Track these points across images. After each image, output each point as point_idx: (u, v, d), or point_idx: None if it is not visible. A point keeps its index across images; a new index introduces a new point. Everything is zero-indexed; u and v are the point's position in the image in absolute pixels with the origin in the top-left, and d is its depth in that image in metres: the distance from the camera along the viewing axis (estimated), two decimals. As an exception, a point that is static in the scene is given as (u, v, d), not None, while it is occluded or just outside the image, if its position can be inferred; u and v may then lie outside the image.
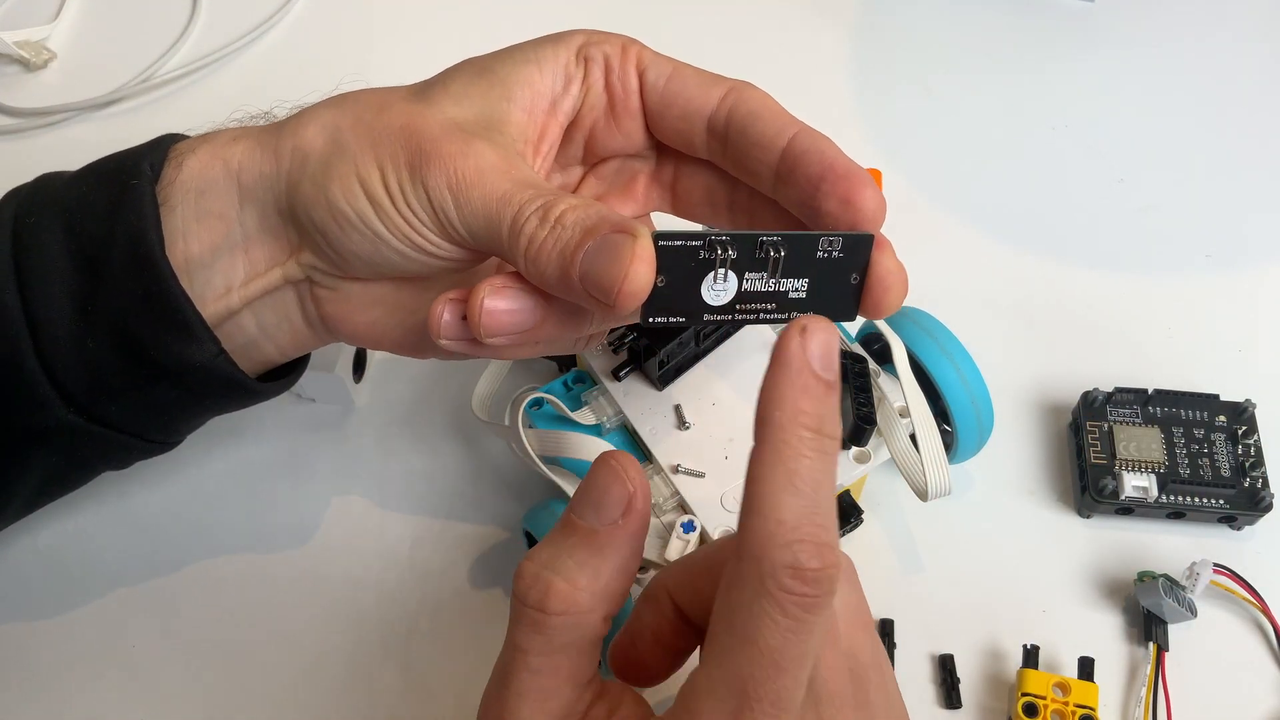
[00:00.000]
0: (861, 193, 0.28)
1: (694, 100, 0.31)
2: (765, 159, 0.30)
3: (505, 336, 0.29)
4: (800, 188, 0.29)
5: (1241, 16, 0.60)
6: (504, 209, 0.28)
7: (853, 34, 0.59)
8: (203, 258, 0.31)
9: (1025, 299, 0.49)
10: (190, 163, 0.32)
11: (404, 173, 0.29)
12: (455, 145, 0.29)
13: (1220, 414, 0.43)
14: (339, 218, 0.30)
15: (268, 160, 0.31)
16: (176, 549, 0.42)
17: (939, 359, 0.39)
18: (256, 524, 0.43)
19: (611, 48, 0.32)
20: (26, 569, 0.42)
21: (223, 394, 0.34)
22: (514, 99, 0.31)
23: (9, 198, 0.33)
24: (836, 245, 0.28)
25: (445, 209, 0.29)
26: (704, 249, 0.27)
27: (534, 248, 0.28)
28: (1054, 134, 0.55)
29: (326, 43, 0.59)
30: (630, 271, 0.26)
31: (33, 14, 0.60)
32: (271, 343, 0.34)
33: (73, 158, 0.56)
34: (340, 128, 0.31)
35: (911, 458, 0.38)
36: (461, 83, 0.31)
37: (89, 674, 0.40)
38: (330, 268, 0.32)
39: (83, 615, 0.41)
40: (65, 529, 0.43)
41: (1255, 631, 0.40)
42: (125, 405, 0.33)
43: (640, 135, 0.33)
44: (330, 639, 0.40)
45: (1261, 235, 0.52)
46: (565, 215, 0.28)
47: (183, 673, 0.40)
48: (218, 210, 0.31)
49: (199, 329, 0.31)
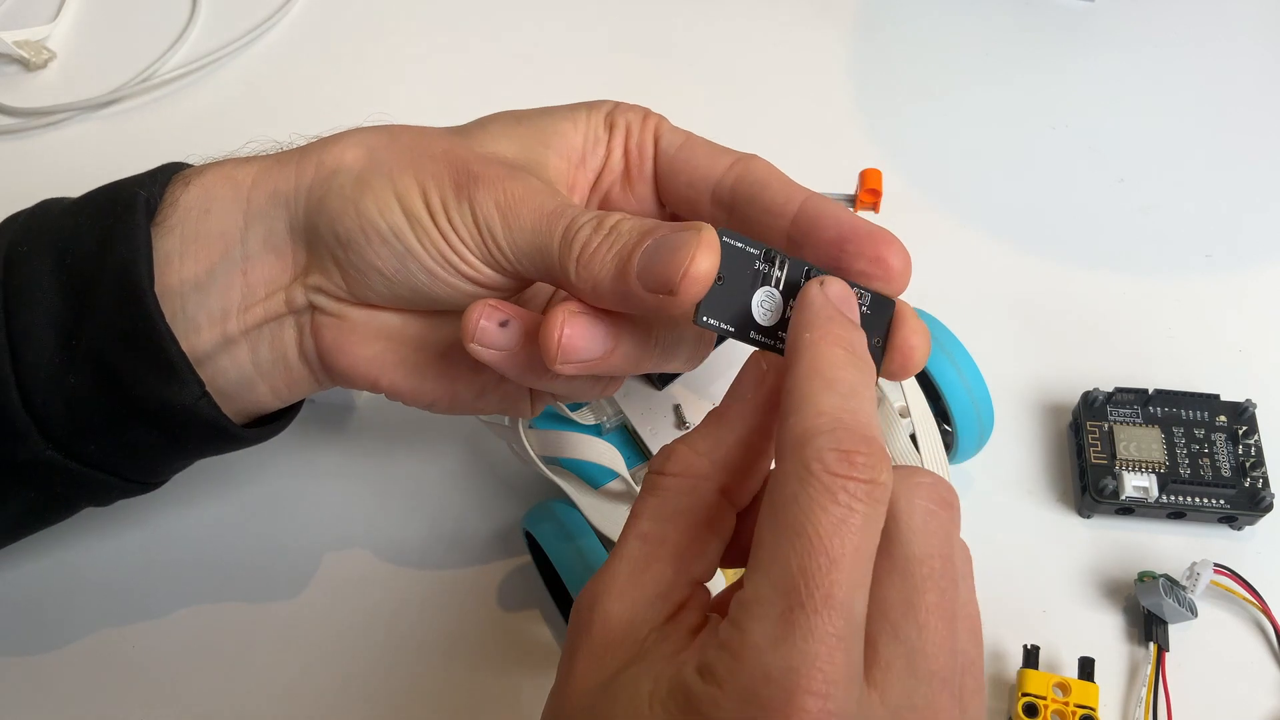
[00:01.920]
0: (891, 249, 0.28)
1: (700, 169, 0.32)
2: (776, 225, 0.30)
3: (578, 364, 0.28)
4: (820, 251, 0.29)
5: (1242, 17, 0.60)
6: (555, 221, 0.28)
7: (853, 34, 0.59)
8: (198, 279, 0.31)
9: (1025, 299, 0.49)
10: (196, 184, 0.32)
11: (449, 192, 0.29)
12: (502, 169, 0.30)
13: (1220, 414, 0.43)
14: (369, 229, 0.29)
15: (285, 177, 0.31)
16: (172, 548, 0.42)
17: (939, 359, 0.39)
18: (255, 524, 0.43)
19: (634, 116, 0.33)
20: (19, 567, 0.42)
21: (204, 438, 0.33)
22: (550, 146, 0.32)
23: (8, 223, 0.33)
24: (866, 301, 0.28)
25: (491, 227, 0.29)
26: (761, 259, 0.27)
27: (587, 253, 0.27)
28: (1054, 134, 0.55)
29: (326, 43, 0.59)
30: (696, 255, 0.26)
31: (33, 14, 0.60)
32: (265, 382, 0.33)
33: (73, 158, 0.56)
34: (377, 146, 0.31)
35: (911, 458, 0.38)
36: (499, 126, 0.32)
37: (81, 676, 0.40)
38: (340, 290, 0.31)
39: (77, 614, 0.41)
40: (64, 527, 0.42)
41: (1255, 631, 0.40)
42: (104, 443, 0.32)
43: (651, 200, 0.34)
44: (329, 639, 0.40)
45: (1261, 235, 0.52)
46: (620, 223, 0.28)
47: (171, 674, 0.40)
48: (220, 230, 0.31)
49: (183, 369, 0.31)
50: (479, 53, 0.59)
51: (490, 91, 0.57)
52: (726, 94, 0.57)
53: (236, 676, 0.40)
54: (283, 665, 0.40)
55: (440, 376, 0.32)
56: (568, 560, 0.36)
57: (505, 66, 0.58)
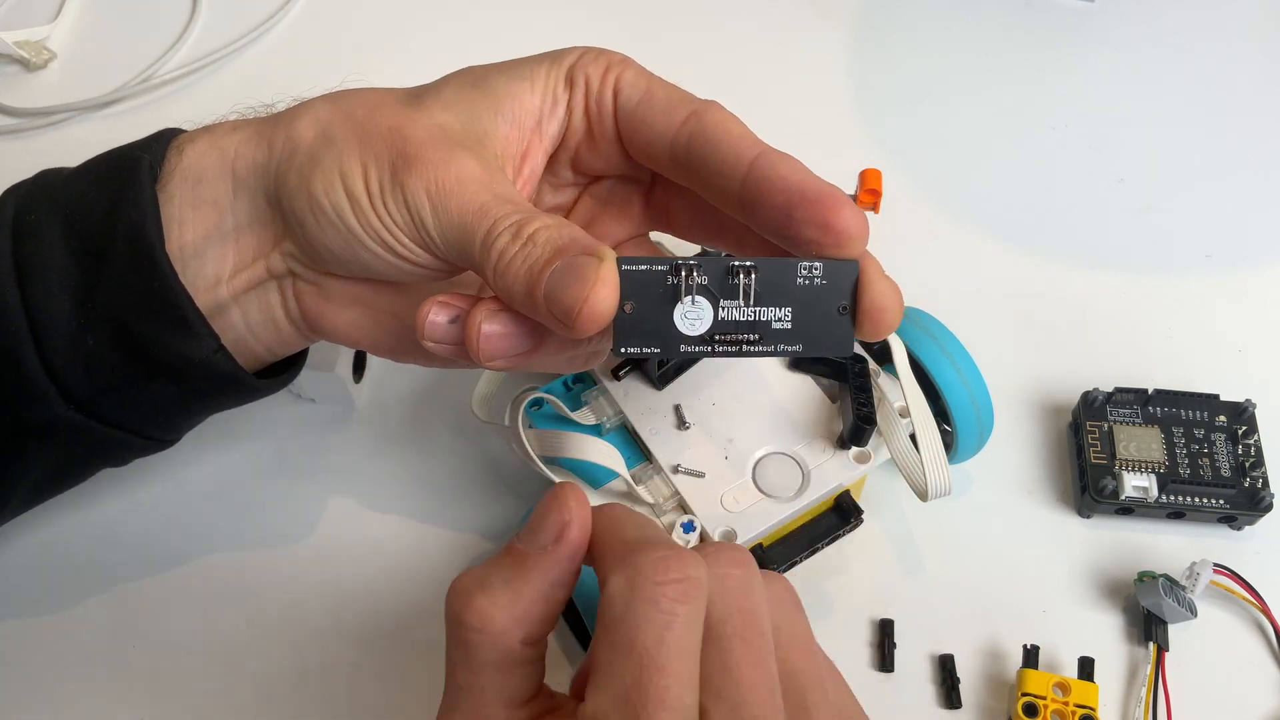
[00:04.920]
0: (839, 215, 0.27)
1: (656, 125, 0.31)
2: (728, 186, 0.29)
3: (503, 359, 0.28)
4: (770, 216, 0.28)
5: (1242, 17, 0.60)
6: (479, 221, 0.28)
7: (853, 34, 0.59)
8: (196, 246, 0.32)
9: (1025, 299, 0.49)
10: (189, 151, 0.32)
11: (385, 173, 0.29)
12: (439, 152, 0.29)
13: (1220, 414, 0.43)
14: (316, 209, 0.30)
15: (261, 149, 0.31)
16: (172, 549, 0.42)
17: (939, 359, 0.39)
18: (254, 524, 0.43)
19: (595, 70, 0.32)
20: (18, 568, 0.42)
21: (221, 390, 0.34)
22: (501, 112, 0.31)
23: (9, 194, 0.33)
24: (818, 272, 0.27)
25: (421, 214, 0.29)
26: (670, 274, 0.26)
27: (503, 263, 0.27)
28: (1054, 134, 0.55)
29: (326, 43, 0.59)
30: (591, 294, 0.26)
31: (33, 14, 0.60)
32: (259, 342, 0.34)
33: (73, 158, 0.56)
34: (331, 122, 0.31)
35: (911, 458, 0.38)
36: (453, 90, 0.31)
37: (83, 673, 0.40)
38: (309, 260, 0.32)
39: (77, 614, 0.41)
40: (64, 526, 0.42)
41: (1255, 631, 0.40)
42: (124, 402, 0.33)
43: (619, 158, 0.33)
44: (328, 640, 0.40)
45: (1261, 235, 0.52)
46: (538, 233, 0.27)
47: (174, 672, 0.40)
48: (212, 198, 0.32)
49: (198, 325, 0.32)
50: (479, 52, 0.58)
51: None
52: (727, 94, 0.56)
53: (236, 675, 0.40)
54: (282, 664, 0.40)
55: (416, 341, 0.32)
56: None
57: (505, 66, 0.58)
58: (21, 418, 0.32)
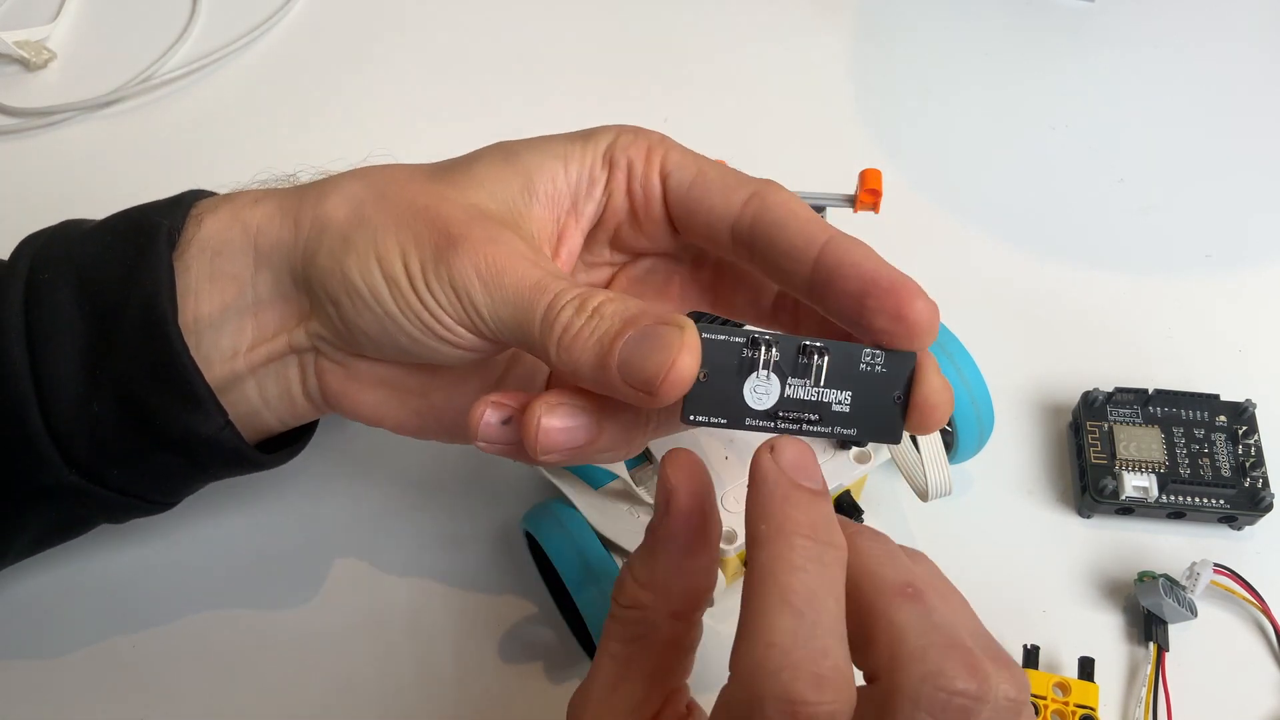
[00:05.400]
0: (912, 307, 0.27)
1: (716, 208, 0.30)
2: (797, 270, 0.28)
3: (560, 454, 0.28)
4: (841, 303, 0.27)
5: (1242, 17, 0.60)
6: (537, 296, 0.27)
7: (853, 34, 0.59)
8: (212, 318, 0.31)
9: (1025, 299, 0.49)
10: (209, 222, 0.31)
11: (428, 254, 0.28)
12: (484, 230, 0.28)
13: (1220, 414, 0.43)
14: (351, 292, 0.29)
15: (287, 227, 0.31)
16: (169, 551, 0.42)
17: (939, 359, 0.39)
18: (252, 524, 0.43)
19: (636, 152, 0.31)
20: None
21: (226, 464, 0.33)
22: (534, 192, 0.30)
23: (26, 245, 0.33)
24: (879, 360, 0.27)
25: (471, 295, 0.28)
26: (747, 347, 0.26)
27: (569, 335, 0.27)
28: (1054, 134, 0.55)
29: (326, 43, 0.59)
30: (678, 360, 0.25)
31: (33, 14, 0.60)
32: (273, 414, 0.33)
33: (73, 158, 0.56)
34: (363, 201, 0.30)
35: (911, 458, 0.38)
36: (484, 167, 0.31)
37: (88, 678, 0.40)
38: (338, 341, 0.31)
39: (87, 613, 0.41)
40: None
41: (1255, 631, 0.40)
42: (127, 469, 0.32)
43: (666, 239, 0.32)
44: (328, 638, 0.40)
45: (1261, 235, 0.52)
46: (603, 306, 0.27)
47: (175, 670, 0.40)
48: (232, 272, 0.31)
49: (207, 401, 0.31)
50: (479, 52, 0.59)
51: (491, 90, 0.57)
52: (728, 95, 0.57)
53: (236, 674, 0.40)
54: (280, 663, 0.40)
55: (443, 422, 0.33)
56: (568, 560, 0.36)
57: (506, 66, 0.58)
58: (23, 479, 0.32)
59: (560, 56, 0.58)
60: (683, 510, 0.26)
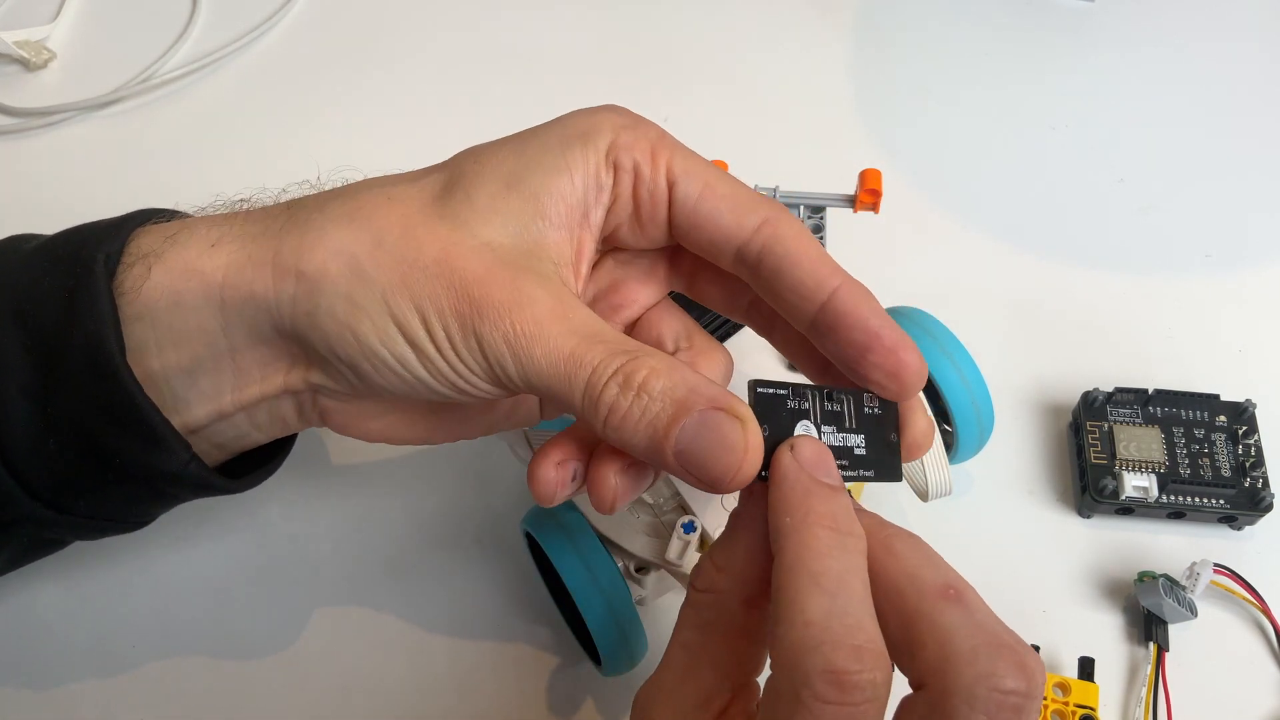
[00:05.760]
0: (908, 370, 0.28)
1: (725, 228, 0.29)
2: (802, 307, 0.29)
3: (627, 500, 0.28)
4: (842, 349, 0.28)
5: (1242, 17, 0.60)
6: (575, 371, 0.26)
7: (853, 34, 0.59)
8: (182, 366, 0.29)
9: (1025, 299, 0.49)
10: (159, 273, 0.29)
11: (451, 322, 0.27)
12: (504, 290, 0.27)
13: (1220, 414, 0.43)
14: (372, 359, 0.28)
15: (260, 282, 0.28)
16: (165, 550, 0.42)
17: (939, 359, 0.39)
18: (249, 524, 0.43)
19: (641, 154, 0.30)
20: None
21: (195, 491, 0.32)
22: (547, 217, 0.29)
23: None
24: (875, 404, 0.28)
25: (503, 363, 0.27)
26: (791, 397, 0.27)
27: (617, 417, 0.26)
28: (1054, 134, 0.55)
29: (326, 43, 0.59)
30: (744, 465, 0.25)
31: (33, 14, 0.60)
32: (263, 434, 0.32)
33: (73, 158, 0.56)
34: (357, 255, 0.28)
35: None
36: (488, 196, 0.29)
37: (80, 683, 0.40)
38: (348, 389, 0.30)
39: (80, 617, 0.41)
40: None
41: (1255, 631, 0.40)
42: (93, 499, 0.31)
43: (663, 238, 0.31)
44: (327, 637, 0.40)
45: (1261, 235, 0.52)
46: (649, 382, 0.26)
47: (176, 671, 0.40)
48: (195, 325, 0.29)
49: (169, 439, 0.29)
50: (479, 51, 0.59)
51: (491, 90, 0.57)
52: (727, 94, 0.57)
53: (236, 675, 0.40)
54: (279, 664, 0.40)
55: (452, 433, 0.33)
56: (568, 560, 0.36)
57: (504, 65, 0.58)
58: None
59: (560, 57, 0.58)
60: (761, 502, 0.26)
